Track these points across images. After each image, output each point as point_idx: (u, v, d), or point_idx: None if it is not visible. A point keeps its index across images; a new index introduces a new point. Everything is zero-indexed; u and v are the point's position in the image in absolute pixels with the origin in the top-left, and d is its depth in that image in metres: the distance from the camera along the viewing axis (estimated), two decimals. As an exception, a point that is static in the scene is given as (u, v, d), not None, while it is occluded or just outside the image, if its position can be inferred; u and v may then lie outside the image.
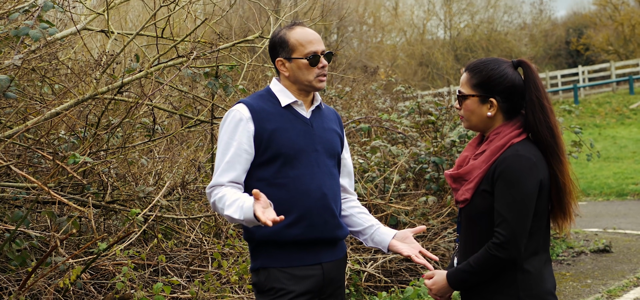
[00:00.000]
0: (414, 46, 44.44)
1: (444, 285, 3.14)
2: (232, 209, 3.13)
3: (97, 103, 6.10)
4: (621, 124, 28.89)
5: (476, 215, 3.04)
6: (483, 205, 3.00)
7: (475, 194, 3.03)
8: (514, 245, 2.92)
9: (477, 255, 3.00)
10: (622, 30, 42.87)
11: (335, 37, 35.54)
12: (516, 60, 3.12)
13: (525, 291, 2.99)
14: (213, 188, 3.28)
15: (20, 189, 5.27)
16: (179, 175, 7.15)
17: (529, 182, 2.92)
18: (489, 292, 3.04)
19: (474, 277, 3.02)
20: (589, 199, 16.56)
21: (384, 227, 3.55)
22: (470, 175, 3.05)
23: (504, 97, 3.05)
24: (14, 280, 5.21)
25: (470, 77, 3.11)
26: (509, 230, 2.91)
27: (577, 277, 8.53)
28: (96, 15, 6.76)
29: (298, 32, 3.38)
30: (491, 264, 2.96)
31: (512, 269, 2.99)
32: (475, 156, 3.09)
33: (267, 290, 3.31)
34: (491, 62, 3.10)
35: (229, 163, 3.27)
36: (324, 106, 3.54)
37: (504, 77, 3.04)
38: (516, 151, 2.96)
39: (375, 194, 8.14)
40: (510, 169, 2.93)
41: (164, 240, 6.39)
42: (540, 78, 3.08)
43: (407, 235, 3.47)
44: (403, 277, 7.73)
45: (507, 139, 3.01)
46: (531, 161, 2.94)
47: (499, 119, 3.09)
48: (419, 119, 10.08)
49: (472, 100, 3.10)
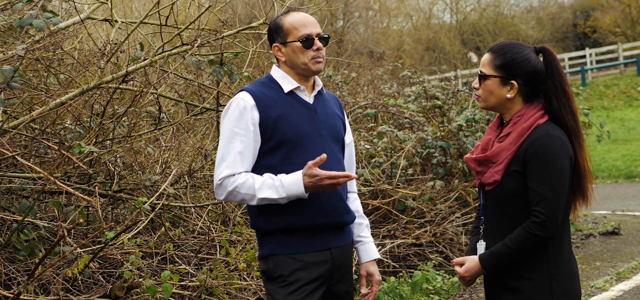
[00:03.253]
0: (421, 31, 44.29)
1: (478, 269, 3.17)
2: (266, 189, 3.17)
3: (102, 92, 6.09)
4: (629, 106, 28.78)
5: (507, 197, 3.08)
6: (514, 185, 3.05)
7: (505, 175, 3.08)
8: (553, 222, 2.98)
9: (514, 235, 3.03)
10: (629, 12, 42.60)
11: (341, 23, 35.48)
12: (539, 46, 3.17)
13: (557, 269, 3.06)
14: (227, 178, 3.23)
15: (27, 179, 5.27)
16: (186, 163, 7.14)
17: (562, 159, 3.00)
18: (521, 270, 3.09)
19: (512, 258, 3.06)
20: (597, 181, 16.49)
21: (366, 245, 3.60)
22: (499, 157, 3.10)
23: (525, 81, 3.11)
24: (22, 271, 5.22)
25: (493, 58, 3.16)
26: (549, 208, 2.97)
27: (586, 259, 8.51)
28: (100, 4, 6.74)
29: (292, 16, 3.39)
30: (531, 243, 3.01)
31: (544, 248, 3.04)
32: (500, 139, 3.14)
33: (277, 277, 3.31)
34: (516, 45, 3.16)
35: (242, 153, 3.24)
36: (325, 91, 3.53)
37: (527, 61, 3.10)
38: (546, 131, 3.03)
39: (383, 180, 8.12)
40: (544, 148, 2.99)
41: (171, 228, 6.39)
42: (561, 64, 3.16)
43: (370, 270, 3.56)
44: (411, 262, 7.72)
45: (533, 120, 3.07)
46: (561, 140, 3.02)
47: (518, 102, 3.15)
48: (426, 104, 10.05)
49: (493, 80, 3.15)
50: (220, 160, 3.27)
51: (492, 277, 3.18)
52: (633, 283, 7.30)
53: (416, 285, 6.65)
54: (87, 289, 5.37)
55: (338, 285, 3.41)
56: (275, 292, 3.31)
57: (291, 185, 3.15)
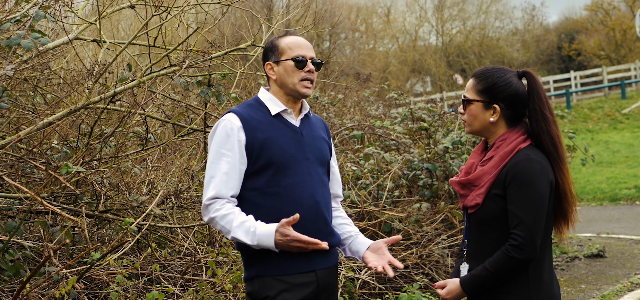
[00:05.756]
0: (407, 52, 44.54)
1: (459, 292, 3.21)
2: (241, 231, 3.18)
3: (89, 112, 6.09)
4: (614, 129, 28.98)
5: (488, 220, 3.13)
6: (495, 209, 3.10)
7: (487, 198, 3.13)
8: (531, 245, 3.01)
9: (493, 259, 3.07)
10: (613, 35, 43.04)
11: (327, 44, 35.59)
12: (521, 71, 3.24)
13: (537, 292, 3.09)
14: (214, 201, 3.26)
15: (13, 199, 5.25)
16: (172, 184, 7.14)
17: (541, 183, 3.03)
18: (500, 293, 3.12)
19: (491, 281, 3.09)
20: (582, 204, 16.59)
21: (361, 237, 3.58)
22: (480, 180, 3.15)
23: (507, 104, 3.17)
24: (7, 291, 5.19)
25: (476, 83, 3.23)
26: (526, 231, 3.00)
27: (571, 282, 8.55)
28: (88, 25, 6.75)
29: (289, 38, 3.44)
30: (509, 266, 3.04)
31: (523, 270, 3.08)
32: (483, 162, 3.19)
33: (262, 299, 3.31)
34: (498, 70, 3.22)
35: (227, 174, 3.26)
36: (312, 114, 3.56)
37: (508, 85, 3.16)
38: (527, 155, 3.07)
39: (369, 201, 8.14)
40: (524, 172, 3.04)
41: (157, 249, 6.38)
42: (543, 89, 3.21)
43: (379, 246, 3.49)
44: (397, 284, 7.72)
45: (514, 144, 3.12)
46: (542, 164, 3.06)
47: (501, 126, 3.21)
48: (412, 126, 10.09)
49: (476, 105, 3.21)
50: (208, 182, 3.30)
51: (475, 298, 3.20)
52: (617, 305, 7.34)
53: (402, 307, 6.65)
54: (73, 310, 5.33)
55: (323, 307, 3.41)
56: (261, 314, 3.32)
57: (263, 236, 3.18)
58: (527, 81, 3.20)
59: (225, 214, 3.22)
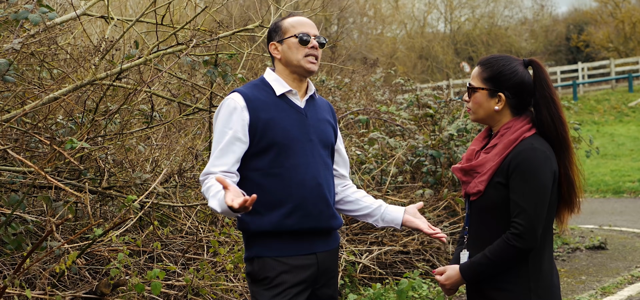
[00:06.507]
0: (414, 39, 44.41)
1: (458, 279, 3.20)
2: (214, 201, 3.12)
3: (95, 89, 6.10)
4: (619, 122, 28.91)
5: (489, 207, 3.12)
6: (497, 196, 3.08)
7: (489, 186, 3.11)
8: (532, 235, 3.00)
9: (493, 247, 3.07)
10: (622, 27, 42.84)
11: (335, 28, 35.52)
12: (527, 59, 3.21)
13: (536, 282, 3.09)
14: (206, 177, 3.28)
15: (17, 173, 5.27)
16: (176, 162, 7.15)
17: (544, 173, 3.02)
18: (499, 281, 3.11)
19: (491, 269, 3.09)
20: (585, 195, 16.52)
21: (391, 205, 3.61)
22: (483, 167, 3.13)
23: (512, 93, 3.15)
24: (9, 264, 5.21)
25: (481, 70, 3.20)
26: (527, 220, 2.99)
27: (571, 273, 8.56)
28: (96, 1, 6.74)
29: (292, 18, 3.46)
30: (509, 254, 3.03)
31: (523, 259, 3.07)
32: (487, 150, 3.17)
33: (262, 280, 3.32)
34: (503, 58, 3.20)
35: (222, 151, 3.27)
36: (317, 97, 3.56)
37: (514, 74, 3.14)
38: (531, 144, 3.05)
39: (372, 186, 8.15)
40: (527, 161, 3.02)
41: (159, 227, 6.40)
42: (550, 78, 3.18)
43: (415, 210, 3.55)
44: (398, 269, 7.74)
45: (519, 133, 3.10)
46: (545, 154, 3.04)
47: (506, 114, 3.18)
48: (418, 112, 10.09)
49: (481, 93, 3.18)
50: (209, 158, 3.33)
51: (473, 287, 3.21)
52: (618, 298, 7.34)
53: (402, 292, 6.67)
54: (73, 285, 5.36)
55: (323, 290, 3.43)
56: (259, 294, 3.33)
57: (222, 201, 3.04)
58: (533, 70, 3.17)
59: (209, 187, 3.21)
